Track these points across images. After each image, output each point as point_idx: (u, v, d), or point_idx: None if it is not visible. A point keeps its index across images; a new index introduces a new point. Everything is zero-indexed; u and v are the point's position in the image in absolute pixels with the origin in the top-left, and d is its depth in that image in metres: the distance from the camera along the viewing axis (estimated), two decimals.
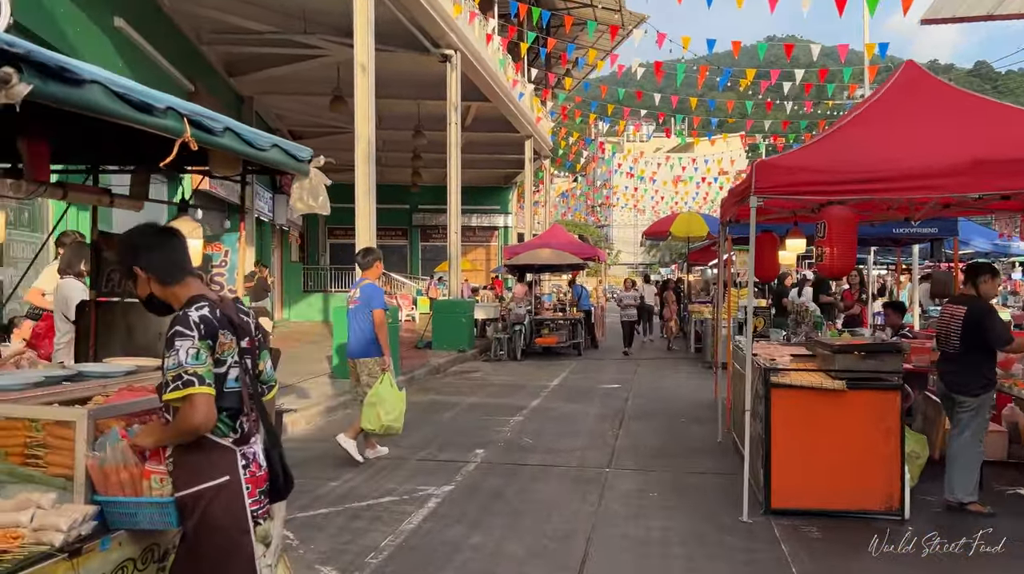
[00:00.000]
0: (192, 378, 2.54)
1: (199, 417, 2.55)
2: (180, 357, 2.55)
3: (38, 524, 2.53)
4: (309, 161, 3.70)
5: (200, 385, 2.54)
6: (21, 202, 10.61)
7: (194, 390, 2.54)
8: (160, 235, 2.77)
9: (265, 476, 2.81)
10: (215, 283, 3.82)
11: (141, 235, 2.77)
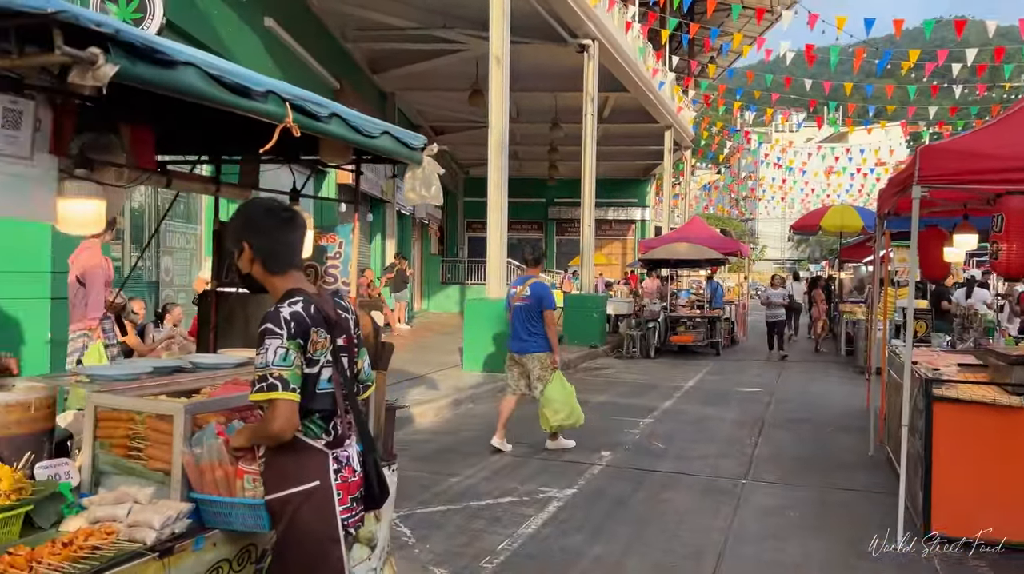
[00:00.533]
0: (276, 382, 2.41)
1: (278, 424, 2.42)
2: (268, 356, 2.42)
3: (133, 520, 2.48)
4: (422, 149, 3.53)
5: (283, 390, 2.41)
6: (179, 195, 11.27)
7: (277, 395, 2.40)
8: (284, 221, 2.61)
9: (359, 482, 2.65)
10: (329, 275, 3.72)
11: (265, 215, 2.60)
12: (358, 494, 2.64)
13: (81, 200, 2.52)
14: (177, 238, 11.26)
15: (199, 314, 3.97)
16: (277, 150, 3.61)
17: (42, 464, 2.67)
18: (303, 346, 2.47)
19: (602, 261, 29.88)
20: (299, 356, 2.45)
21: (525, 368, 7.61)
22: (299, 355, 2.45)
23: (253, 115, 2.57)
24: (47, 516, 2.60)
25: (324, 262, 3.81)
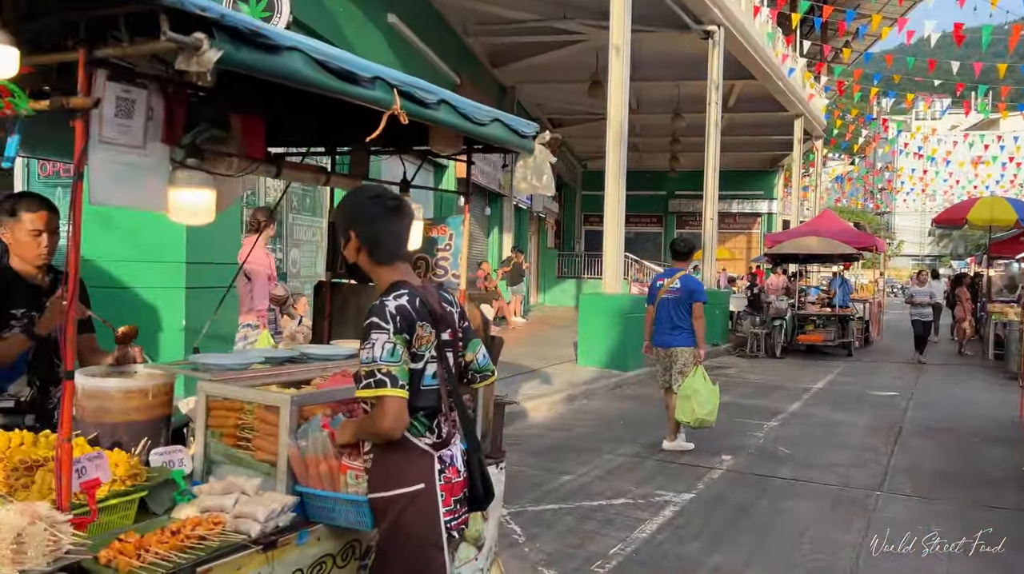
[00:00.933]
0: (384, 378, 2.32)
1: (387, 422, 2.33)
2: (375, 352, 2.34)
3: (239, 511, 2.47)
4: (534, 137, 3.39)
5: (392, 386, 2.32)
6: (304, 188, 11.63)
7: (386, 392, 2.32)
8: (390, 209, 2.53)
9: (463, 483, 2.54)
10: (439, 267, 3.65)
11: (371, 203, 2.53)
12: (462, 495, 2.54)
13: (192, 189, 2.53)
14: (303, 230, 11.64)
15: (314, 305, 3.99)
16: (387, 140, 3.58)
17: (157, 451, 2.71)
18: (409, 342, 2.38)
19: (725, 255, 28.97)
20: (405, 352, 2.37)
21: (670, 362, 7.42)
22: (405, 351, 2.37)
23: (360, 102, 2.50)
24: (161, 502, 2.64)
25: (435, 254, 3.74)
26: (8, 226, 3.07)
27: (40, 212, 3.04)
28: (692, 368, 7.19)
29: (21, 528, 1.96)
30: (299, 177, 3.14)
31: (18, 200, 3.08)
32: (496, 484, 3.54)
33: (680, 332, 7.32)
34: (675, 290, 7.36)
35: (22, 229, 3.04)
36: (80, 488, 2.20)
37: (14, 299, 3.12)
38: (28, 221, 3.05)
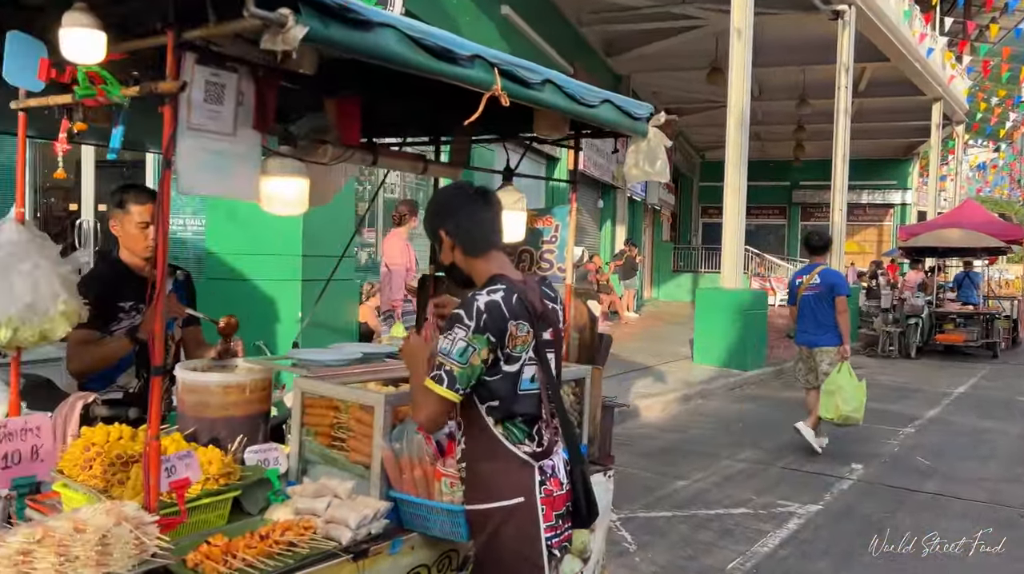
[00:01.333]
0: (443, 376, 2.18)
1: (422, 416, 2.22)
2: (448, 345, 2.19)
3: (330, 515, 2.35)
4: (647, 119, 3.13)
5: (446, 387, 2.17)
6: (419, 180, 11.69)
7: (436, 389, 2.18)
8: (473, 198, 2.39)
9: (565, 497, 2.33)
10: (544, 260, 3.45)
11: (453, 196, 2.42)
12: (564, 510, 2.33)
13: (284, 178, 2.43)
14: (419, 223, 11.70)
15: (417, 299, 3.88)
16: (490, 126, 3.40)
17: (253, 448, 2.64)
18: (495, 342, 2.20)
19: (854, 249, 27.45)
20: (482, 353, 2.18)
21: (814, 362, 7.13)
22: (484, 352, 2.19)
23: (458, 83, 2.33)
24: (255, 502, 2.56)
25: (539, 246, 3.54)
26: (118, 218, 3.09)
27: (148, 204, 3.04)
28: (838, 364, 6.89)
29: (107, 529, 1.90)
30: (396, 165, 3.01)
31: (126, 192, 3.09)
32: (604, 493, 3.32)
33: (824, 330, 7.04)
34: (815, 286, 7.11)
35: (130, 221, 3.05)
36: (169, 488, 2.13)
37: (123, 292, 3.14)
38: (136, 213, 3.05)
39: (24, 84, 2.19)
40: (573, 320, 3.52)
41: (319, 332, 8.10)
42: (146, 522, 1.99)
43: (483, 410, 2.25)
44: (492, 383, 2.24)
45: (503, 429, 2.25)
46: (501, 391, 2.23)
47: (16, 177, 2.50)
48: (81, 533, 1.86)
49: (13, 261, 2.35)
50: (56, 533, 1.83)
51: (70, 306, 2.47)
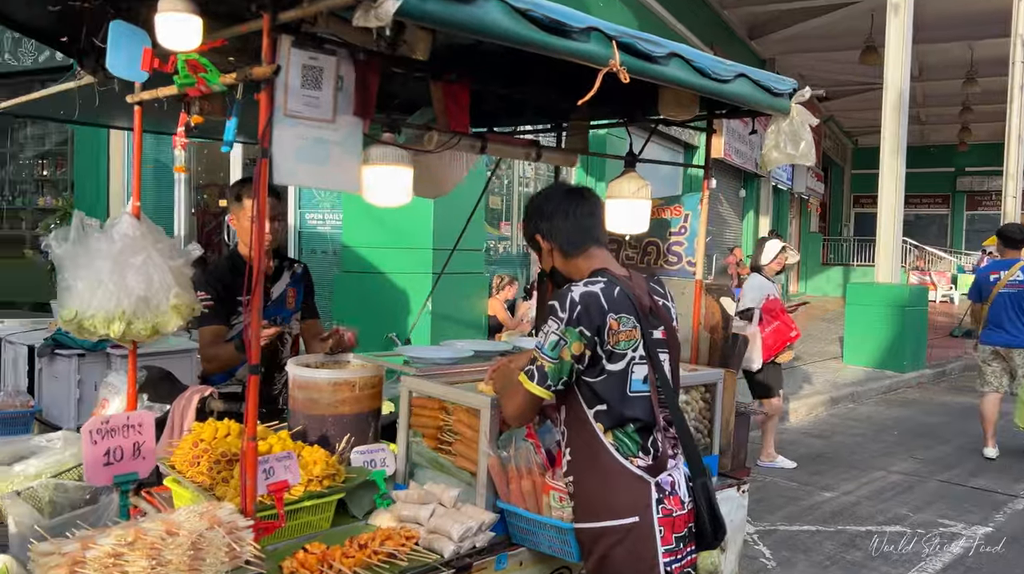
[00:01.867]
0: (534, 370, 2.04)
1: (509, 410, 2.13)
2: (542, 339, 2.05)
3: (433, 525, 2.21)
4: (790, 95, 2.80)
5: (536, 383, 2.03)
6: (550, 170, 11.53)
7: (527, 384, 2.05)
8: (567, 198, 2.24)
9: (686, 517, 2.08)
10: (671, 254, 3.18)
11: (545, 198, 2.28)
12: (685, 532, 2.08)
13: (388, 167, 2.30)
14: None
15: (537, 294, 3.71)
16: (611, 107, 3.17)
17: (360, 449, 2.54)
18: (590, 337, 2.01)
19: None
20: (573, 347, 2.00)
21: (1011, 363, 6.59)
22: (576, 347, 2.00)
23: (571, 58, 2.12)
24: (361, 505, 2.47)
25: (667, 238, 3.27)
26: (235, 212, 3.09)
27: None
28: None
29: (200, 533, 1.83)
30: (506, 152, 2.83)
31: (243, 186, 3.08)
32: (736, 509, 3.04)
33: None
34: (1018, 283, 6.53)
35: (245, 215, 3.04)
36: (267, 491, 2.05)
37: (242, 286, 3.14)
38: (250, 207, 3.04)
39: (129, 75, 2.17)
40: (704, 319, 3.23)
41: (447, 325, 8.11)
42: (240, 527, 1.92)
43: (590, 416, 2.05)
44: (597, 384, 2.04)
45: (614, 439, 2.03)
46: (608, 393, 2.03)
47: (132, 171, 2.50)
48: (173, 537, 1.80)
49: (126, 255, 2.35)
50: (148, 536, 1.77)
51: (182, 300, 2.45)
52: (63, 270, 2.38)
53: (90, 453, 1.92)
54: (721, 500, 2.97)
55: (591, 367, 2.03)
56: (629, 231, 3.07)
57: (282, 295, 3.24)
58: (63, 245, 2.35)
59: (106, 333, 2.35)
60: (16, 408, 3.59)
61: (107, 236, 2.36)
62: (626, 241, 3.48)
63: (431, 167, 3.39)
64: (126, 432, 1.99)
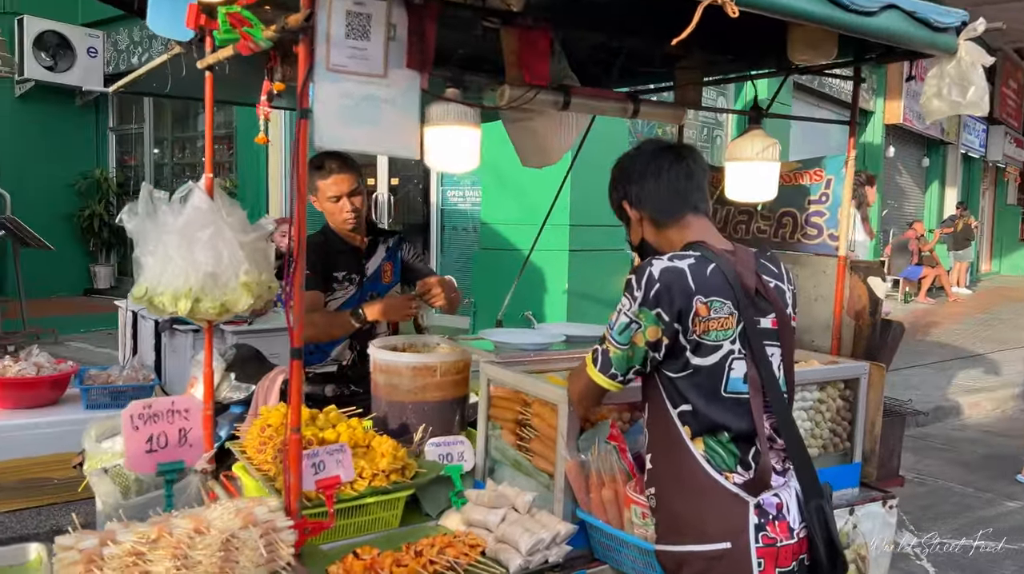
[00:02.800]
0: (599, 355, 1.74)
1: (571, 394, 1.89)
2: (613, 318, 1.74)
3: (502, 533, 1.95)
4: (957, 30, 2.27)
5: (599, 370, 1.74)
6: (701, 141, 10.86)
7: (589, 368, 1.76)
8: (658, 157, 1.86)
9: (796, 548, 1.68)
10: (810, 225, 2.74)
11: (632, 158, 1.90)
12: (793, 566, 1.68)
13: (451, 127, 2.03)
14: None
15: None
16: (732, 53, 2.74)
17: (435, 441, 2.32)
18: (670, 323, 1.66)
19: None
20: (648, 333, 1.67)
21: None
22: (652, 332, 1.67)
23: None
24: (436, 502, 2.26)
25: (805, 207, 2.81)
26: (314, 195, 2.95)
27: (334, 176, 2.86)
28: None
29: (232, 532, 1.67)
30: (596, 108, 2.48)
31: (314, 168, 2.92)
32: (881, 528, 2.58)
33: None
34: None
35: (323, 197, 2.90)
36: (316, 487, 1.87)
37: (336, 262, 3.01)
38: (324, 188, 2.89)
39: (172, 34, 2.04)
40: (848, 303, 2.75)
41: (585, 304, 7.82)
42: (280, 527, 1.74)
43: (675, 416, 1.70)
44: (681, 381, 1.69)
45: (704, 447, 1.68)
46: (694, 392, 1.68)
47: (205, 143, 2.39)
48: (202, 536, 1.65)
49: (193, 228, 2.24)
50: (174, 534, 1.63)
51: (253, 277, 2.32)
52: (136, 245, 2.31)
53: (132, 439, 1.81)
54: (862, 516, 2.55)
55: (671, 359, 1.69)
56: (752, 199, 2.65)
57: (377, 270, 3.09)
58: (133, 219, 2.27)
59: (174, 311, 2.26)
60: (138, 382, 3.69)
61: (174, 209, 2.26)
62: (758, 212, 3.04)
63: (536, 134, 3.11)
64: (171, 418, 1.88)
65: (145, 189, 2.27)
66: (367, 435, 2.27)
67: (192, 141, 11.69)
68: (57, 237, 9.45)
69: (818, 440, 2.51)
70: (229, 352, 2.80)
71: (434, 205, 9.29)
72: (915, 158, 17.09)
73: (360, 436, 2.25)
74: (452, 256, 9.22)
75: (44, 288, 9.41)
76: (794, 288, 1.84)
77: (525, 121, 3.05)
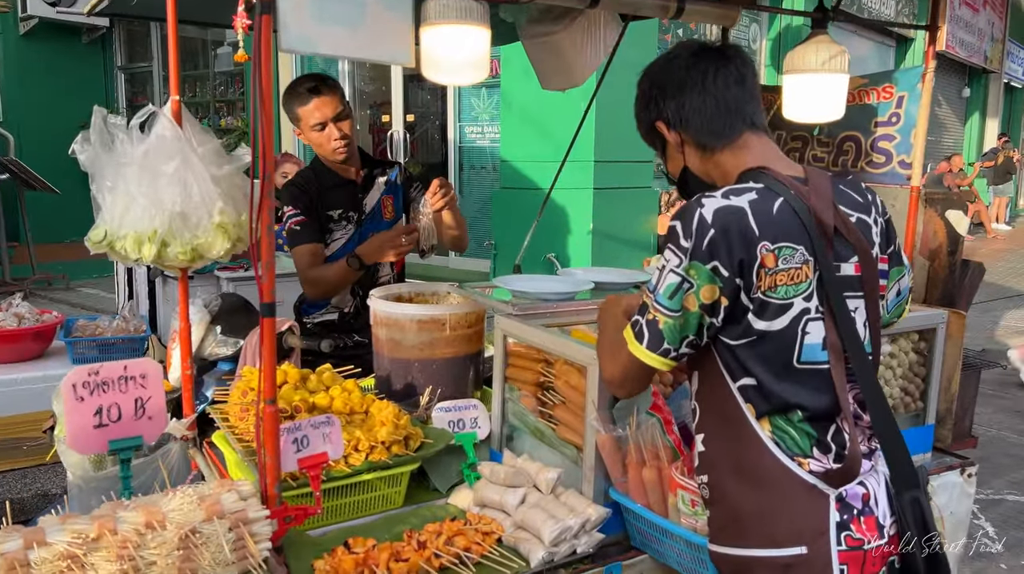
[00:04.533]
0: (642, 325, 1.35)
1: (606, 374, 1.48)
2: (657, 279, 1.34)
3: (521, 518, 1.65)
4: None
5: (643, 345, 1.34)
6: None
7: (631, 344, 1.36)
8: (700, 60, 1.44)
9: (886, 550, 1.35)
10: (877, 151, 2.35)
11: (665, 67, 1.48)
12: (883, 572, 1.35)
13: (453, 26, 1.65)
14: None
15: None
16: None
17: (444, 405, 2.01)
18: (730, 278, 1.28)
19: None
20: (703, 293, 1.29)
21: None
22: (708, 292, 1.29)
23: None
24: (446, 476, 1.96)
25: (871, 130, 2.41)
26: (297, 126, 2.60)
27: (315, 100, 2.49)
28: None
29: (193, 526, 1.38)
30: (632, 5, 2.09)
31: (291, 95, 2.56)
32: (960, 498, 2.26)
33: None
34: None
35: (306, 126, 2.54)
36: (298, 467, 1.57)
37: (330, 199, 2.67)
38: (306, 115, 2.53)
39: None
40: (921, 241, 2.38)
41: (611, 246, 7.44)
42: (252, 519, 1.44)
43: (735, 391, 1.35)
44: (741, 349, 1.33)
45: (772, 429, 1.33)
46: (760, 363, 1.32)
47: (169, 62, 2.04)
48: (155, 532, 1.35)
49: (158, 160, 1.91)
50: (120, 530, 1.34)
51: (229, 217, 1.99)
52: (92, 181, 1.99)
53: (75, 413, 1.51)
54: (938, 487, 2.21)
55: (731, 324, 1.32)
56: (815, 119, 2.26)
57: (377, 206, 2.74)
58: (87, 150, 1.94)
59: (138, 257, 1.94)
60: (129, 333, 3.41)
61: (134, 138, 1.93)
62: (814, 137, 2.65)
63: (560, 50, 2.72)
64: (123, 386, 1.57)
65: (98, 114, 1.94)
66: (365, 400, 1.97)
67: (203, 80, 11.29)
68: (66, 180, 9.18)
69: (888, 401, 2.17)
70: (214, 303, 2.49)
71: (451, 143, 8.88)
72: (956, 88, 16.29)
73: (356, 401, 1.94)
74: (472, 197, 8.84)
75: (54, 233, 9.19)
76: (884, 219, 1.46)
77: (548, 36, 2.67)
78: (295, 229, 2.63)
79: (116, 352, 3.29)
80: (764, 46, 9.42)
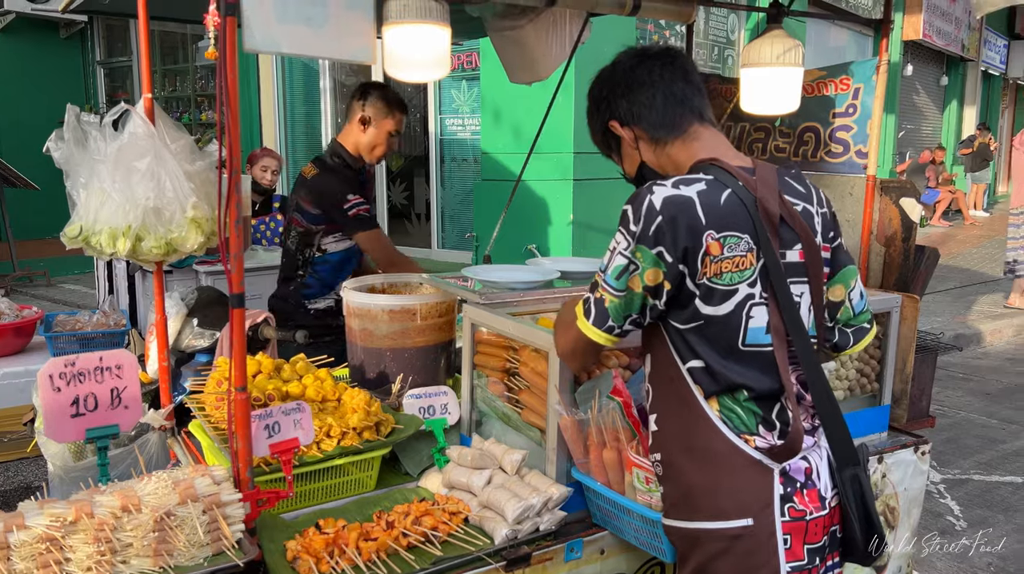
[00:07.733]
0: (591, 304, 1.44)
1: (558, 347, 1.60)
2: (605, 260, 1.43)
3: (487, 498, 1.72)
4: None
5: (590, 322, 1.43)
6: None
7: (580, 320, 1.45)
8: (647, 61, 1.53)
9: (827, 519, 1.43)
10: (835, 141, 2.42)
11: (612, 71, 1.57)
12: (824, 540, 1.43)
13: (415, 26, 1.70)
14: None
15: None
16: None
17: (415, 392, 2.07)
18: (673, 265, 1.35)
19: None
20: (647, 276, 1.37)
21: None
22: (651, 275, 1.37)
23: None
24: (417, 460, 2.02)
25: (829, 121, 2.48)
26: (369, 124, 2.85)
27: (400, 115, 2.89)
28: None
29: (168, 509, 1.43)
30: (588, 2, 2.14)
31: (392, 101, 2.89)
32: (913, 476, 2.35)
33: None
34: None
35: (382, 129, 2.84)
36: (270, 452, 1.63)
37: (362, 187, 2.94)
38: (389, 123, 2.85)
39: None
40: (877, 228, 2.46)
41: (593, 236, 7.50)
42: (226, 501, 1.50)
43: (684, 372, 1.42)
44: (690, 333, 1.40)
45: (720, 407, 1.41)
46: (707, 346, 1.39)
47: (141, 60, 2.08)
48: (130, 514, 1.41)
49: (131, 156, 1.95)
50: (97, 514, 1.39)
51: (202, 212, 2.04)
52: (66, 178, 2.03)
53: (52, 403, 1.56)
54: (892, 464, 2.30)
55: (677, 308, 1.40)
56: (772, 111, 2.33)
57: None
58: (61, 147, 1.98)
59: (113, 252, 1.99)
60: (108, 328, 3.45)
61: (107, 135, 1.97)
62: (776, 128, 2.72)
63: (525, 45, 2.79)
64: (99, 376, 1.62)
65: (71, 112, 1.98)
66: (337, 388, 2.03)
67: (183, 74, 11.25)
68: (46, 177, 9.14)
69: (844, 382, 2.26)
70: (190, 296, 2.54)
71: (432, 135, 8.91)
72: (933, 76, 16.44)
73: (328, 389, 2.00)
74: (453, 189, 8.88)
75: (35, 229, 9.16)
76: (826, 211, 1.53)
77: (512, 31, 2.72)
78: (366, 215, 2.77)
79: (96, 346, 3.32)
80: (742, 37, 9.48)
